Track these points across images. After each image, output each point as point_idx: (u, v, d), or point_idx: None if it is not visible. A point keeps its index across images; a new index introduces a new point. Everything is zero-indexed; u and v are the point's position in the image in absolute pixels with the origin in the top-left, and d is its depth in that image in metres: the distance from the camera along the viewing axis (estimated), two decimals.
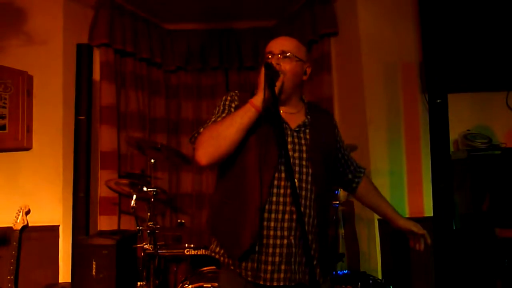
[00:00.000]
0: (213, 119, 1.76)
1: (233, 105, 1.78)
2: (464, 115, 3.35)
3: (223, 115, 1.75)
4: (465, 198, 3.09)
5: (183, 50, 4.47)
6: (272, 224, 1.63)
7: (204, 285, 2.68)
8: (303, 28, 4.04)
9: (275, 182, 1.65)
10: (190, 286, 2.68)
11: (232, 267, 1.69)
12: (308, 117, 1.80)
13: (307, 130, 1.77)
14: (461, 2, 3.10)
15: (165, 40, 4.45)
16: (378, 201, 2.00)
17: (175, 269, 3.21)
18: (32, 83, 3.56)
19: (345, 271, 3.27)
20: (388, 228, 1.91)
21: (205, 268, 2.92)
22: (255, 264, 1.63)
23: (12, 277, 2.95)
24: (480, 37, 3.09)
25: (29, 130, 3.51)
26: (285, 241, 1.63)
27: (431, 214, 2.93)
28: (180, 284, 2.83)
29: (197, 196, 4.39)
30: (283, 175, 1.65)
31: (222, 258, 1.74)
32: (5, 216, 3.27)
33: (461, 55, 3.08)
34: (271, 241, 1.63)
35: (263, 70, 1.65)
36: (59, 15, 3.62)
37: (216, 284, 2.66)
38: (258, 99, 1.65)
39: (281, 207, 1.64)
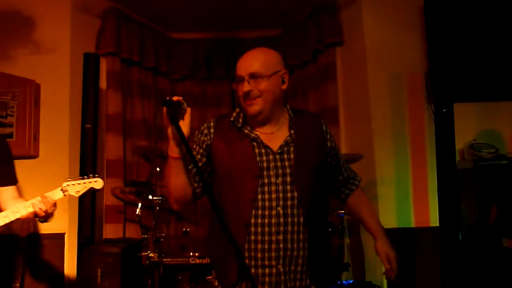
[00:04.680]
0: None
1: (205, 138, 1.77)
2: (470, 125, 3.34)
3: (197, 156, 1.75)
4: (472, 208, 3.07)
5: (189, 59, 4.51)
6: (259, 255, 1.62)
7: None
8: (308, 38, 4.06)
9: (259, 212, 1.62)
10: None
11: None
12: (292, 131, 1.73)
13: (291, 149, 1.70)
14: (467, 12, 3.10)
15: (172, 49, 4.48)
16: (364, 216, 1.91)
17: (179, 277, 3.19)
18: (39, 92, 3.58)
19: (350, 281, 3.25)
20: (393, 238, 1.88)
21: (210, 277, 2.90)
22: None
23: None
24: (486, 46, 3.08)
25: (36, 138, 3.53)
26: (274, 270, 1.61)
27: (437, 224, 2.92)
28: None
29: (202, 205, 4.38)
30: (266, 203, 1.63)
31: (219, 286, 1.75)
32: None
33: (467, 65, 3.08)
34: (259, 271, 1.62)
35: (165, 110, 1.57)
36: (66, 24, 3.65)
37: None
38: (170, 149, 1.64)
39: (266, 238, 1.62)
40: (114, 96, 3.93)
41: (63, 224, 3.48)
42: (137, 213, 3.14)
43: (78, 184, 2.30)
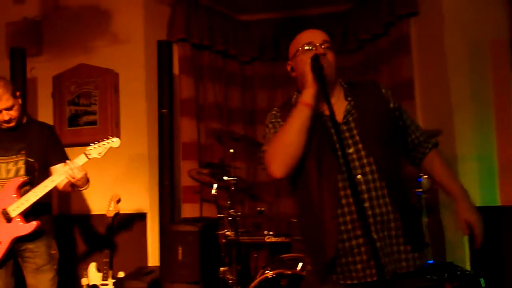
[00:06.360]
0: (269, 137, 1.75)
1: (279, 120, 1.78)
2: None
3: (276, 130, 1.74)
4: None
5: (257, 40, 4.51)
6: (349, 226, 1.62)
7: (285, 272, 2.70)
8: (380, 10, 3.90)
9: (347, 184, 1.60)
10: (271, 272, 2.72)
11: (323, 273, 1.68)
12: (349, 98, 1.73)
13: (354, 115, 1.70)
14: None
15: (239, 31, 4.51)
16: (441, 177, 1.80)
17: (255, 255, 3.27)
18: (118, 80, 3.79)
19: (430, 261, 3.14)
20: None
21: (285, 255, 2.94)
22: (345, 267, 1.63)
23: (107, 259, 3.19)
24: None
25: (117, 124, 3.75)
26: (367, 238, 1.58)
27: None
28: (261, 270, 2.88)
29: (275, 185, 4.42)
30: (345, 175, 1.60)
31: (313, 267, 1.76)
32: (99, 205, 3.55)
33: None
34: (353, 242, 1.62)
35: (308, 63, 1.65)
36: (139, 15, 3.81)
37: (296, 270, 2.68)
38: (308, 96, 1.64)
39: (352, 208, 1.61)
40: (186, 81, 4.05)
41: (145, 204, 3.69)
42: (213, 193, 3.23)
43: (99, 146, 2.59)
